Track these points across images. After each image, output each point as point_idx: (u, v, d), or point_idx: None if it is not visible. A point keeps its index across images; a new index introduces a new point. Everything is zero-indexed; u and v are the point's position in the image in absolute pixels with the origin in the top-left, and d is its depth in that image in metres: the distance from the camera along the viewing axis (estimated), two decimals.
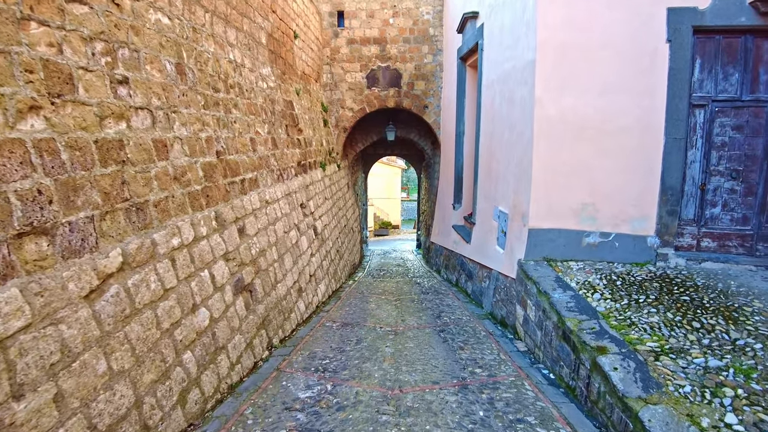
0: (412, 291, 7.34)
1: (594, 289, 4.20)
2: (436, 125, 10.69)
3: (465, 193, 8.52)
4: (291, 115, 6.92)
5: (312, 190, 7.22)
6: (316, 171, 7.86)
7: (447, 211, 9.60)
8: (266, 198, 5.00)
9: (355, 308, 6.00)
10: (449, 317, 5.48)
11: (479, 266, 6.62)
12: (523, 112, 5.08)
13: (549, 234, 4.89)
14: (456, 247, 8.30)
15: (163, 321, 2.85)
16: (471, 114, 8.24)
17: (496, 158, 5.99)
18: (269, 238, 4.85)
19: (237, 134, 4.61)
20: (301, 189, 6.58)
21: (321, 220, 7.42)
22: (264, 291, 4.44)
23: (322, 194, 7.88)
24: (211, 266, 3.55)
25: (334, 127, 10.66)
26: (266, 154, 5.33)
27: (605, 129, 4.72)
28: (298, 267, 5.64)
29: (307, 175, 7.13)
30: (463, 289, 7.41)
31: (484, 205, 6.61)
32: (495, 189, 6.03)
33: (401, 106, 10.61)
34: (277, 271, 4.90)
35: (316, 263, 6.52)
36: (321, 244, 7.09)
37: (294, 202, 6.06)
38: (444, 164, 10.46)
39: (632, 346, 3.23)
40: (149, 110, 3.16)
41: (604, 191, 4.81)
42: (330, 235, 7.91)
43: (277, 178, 5.57)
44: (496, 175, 5.98)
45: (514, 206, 5.27)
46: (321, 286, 6.52)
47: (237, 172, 4.41)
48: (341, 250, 8.82)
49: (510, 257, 5.29)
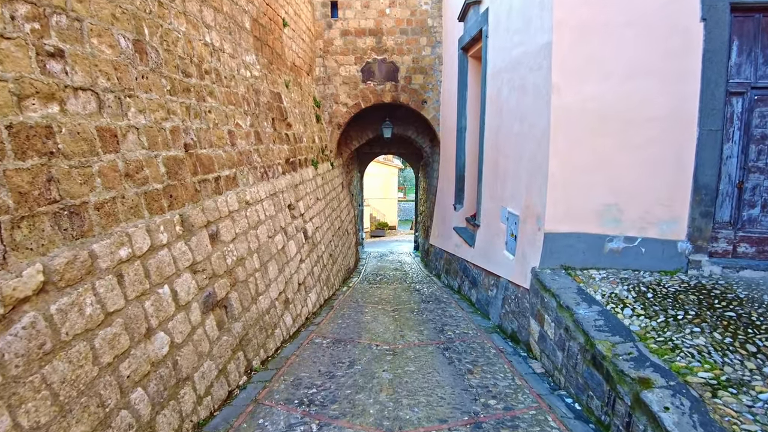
0: (411, 299, 6.76)
1: (623, 303, 3.64)
2: (435, 121, 10.13)
3: (467, 192, 7.96)
4: (279, 108, 6.33)
5: (302, 190, 6.64)
6: (306, 169, 7.28)
7: (447, 212, 9.03)
8: (246, 198, 4.41)
9: (348, 320, 5.42)
10: (454, 331, 4.91)
11: (485, 273, 6.05)
12: (537, 101, 4.52)
13: (567, 239, 4.33)
14: (458, 250, 7.73)
15: (102, 354, 2.26)
16: (474, 108, 7.68)
17: (504, 154, 5.43)
18: (250, 244, 4.26)
19: (212, 125, 4.03)
20: (290, 189, 6.00)
21: (312, 222, 6.83)
22: (242, 306, 3.85)
23: (313, 194, 7.30)
24: (172, 280, 2.96)
25: (328, 124, 10.08)
26: (248, 149, 4.75)
27: (630, 119, 4.17)
28: (285, 275, 5.06)
29: (296, 173, 6.54)
30: (466, 297, 6.84)
31: (489, 206, 6.05)
32: (503, 188, 5.47)
33: (398, 101, 10.03)
34: (259, 282, 4.32)
35: (305, 270, 5.93)
36: (312, 248, 6.51)
37: (281, 203, 5.47)
38: (444, 162, 9.90)
39: (681, 377, 2.67)
40: (94, 92, 2.57)
41: (629, 190, 4.26)
42: (322, 238, 7.32)
43: (260, 176, 4.99)
44: (504, 173, 5.41)
45: (527, 207, 4.71)
46: (311, 296, 5.94)
47: (210, 169, 3.82)
48: (335, 254, 8.23)
49: (522, 264, 4.73)
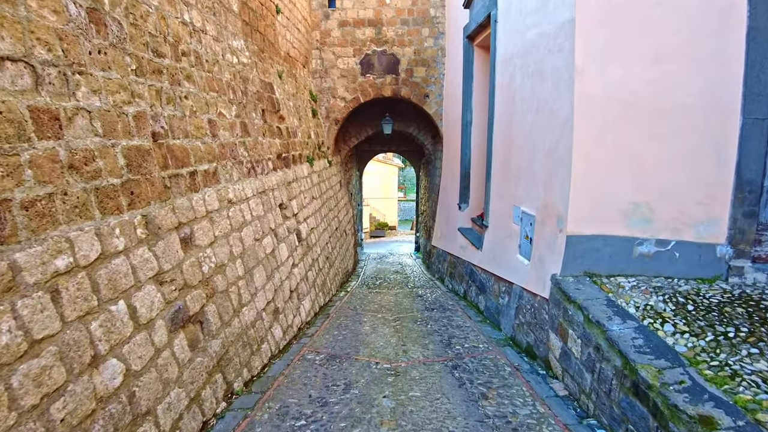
0: (414, 307, 6.26)
1: (661, 318, 3.14)
2: (438, 116, 9.63)
3: (473, 191, 7.46)
4: (270, 99, 5.83)
5: (296, 188, 6.13)
6: (301, 166, 6.78)
7: (451, 212, 8.53)
8: (229, 196, 3.91)
9: (345, 331, 4.92)
10: (462, 345, 4.41)
11: (494, 278, 5.55)
12: (557, 86, 4.02)
13: (592, 242, 3.83)
14: (463, 253, 7.23)
15: (24, 395, 1.76)
16: (481, 100, 7.18)
17: (516, 146, 4.93)
18: (232, 248, 3.76)
19: (189, 113, 3.53)
20: (281, 186, 5.50)
21: (306, 222, 6.33)
22: (221, 320, 3.35)
23: (308, 193, 6.80)
24: (130, 295, 2.46)
25: (325, 119, 9.58)
26: (232, 141, 4.25)
27: (661, 107, 3.68)
28: (274, 282, 4.56)
29: (289, 170, 6.04)
30: (473, 304, 6.34)
31: (499, 205, 5.55)
32: (515, 185, 4.97)
33: (399, 95, 9.53)
34: (243, 291, 3.82)
35: (299, 275, 5.43)
36: (306, 251, 6.01)
37: (271, 201, 4.97)
38: (447, 160, 9.40)
39: (751, 415, 2.17)
40: (28, 64, 2.07)
41: (660, 187, 3.76)
42: (318, 240, 6.82)
43: (247, 171, 4.49)
44: (518, 169, 4.91)
45: (545, 206, 4.21)
46: (305, 303, 5.44)
47: (185, 162, 3.32)
48: (332, 257, 7.73)
49: (539, 270, 4.23)
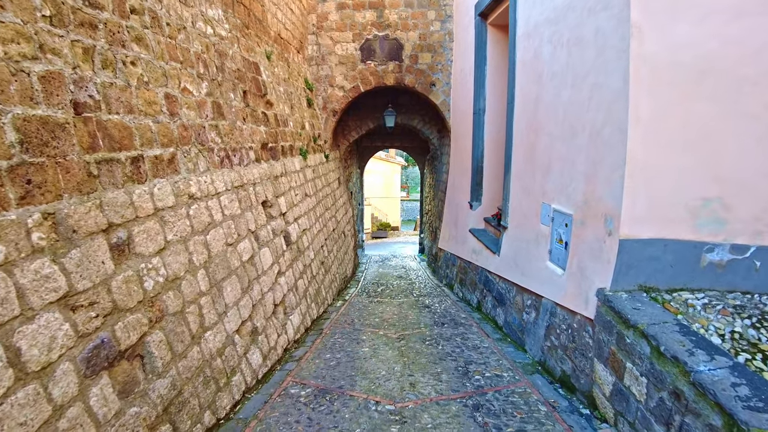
0: (421, 320, 5.44)
1: (761, 352, 2.32)
2: (445, 107, 8.81)
3: (487, 187, 6.64)
4: (255, 81, 5.03)
5: (284, 183, 5.33)
6: (292, 159, 5.98)
7: (461, 211, 7.71)
8: (191, 190, 3.10)
9: (340, 354, 4.11)
10: (482, 374, 3.59)
11: (516, 289, 4.73)
12: (603, 53, 3.20)
13: (650, 248, 3.02)
14: (476, 258, 6.40)
15: None
16: (496, 85, 6.37)
17: (546, 132, 4.11)
18: (193, 256, 2.95)
19: (137, 83, 2.73)
20: (266, 180, 4.70)
21: (297, 223, 5.53)
22: (172, 352, 2.54)
23: (300, 189, 5.99)
24: (10, 331, 1.66)
25: (322, 110, 8.77)
26: (199, 123, 3.45)
27: (746, 74, 2.86)
28: (253, 296, 3.75)
29: (277, 162, 5.24)
30: (489, 318, 5.52)
31: (522, 203, 4.73)
32: (544, 178, 4.15)
33: (403, 84, 8.72)
34: (207, 311, 3.01)
35: (286, 285, 4.63)
36: (296, 256, 5.20)
37: (251, 198, 4.17)
38: (456, 154, 8.58)
39: None
40: None
41: (740, 178, 2.94)
42: (311, 243, 6.01)
43: (220, 161, 3.69)
44: (547, 158, 4.09)
45: (586, 203, 3.39)
46: (293, 318, 4.63)
47: (126, 144, 2.52)
48: (327, 262, 6.92)
49: (578, 283, 3.41)
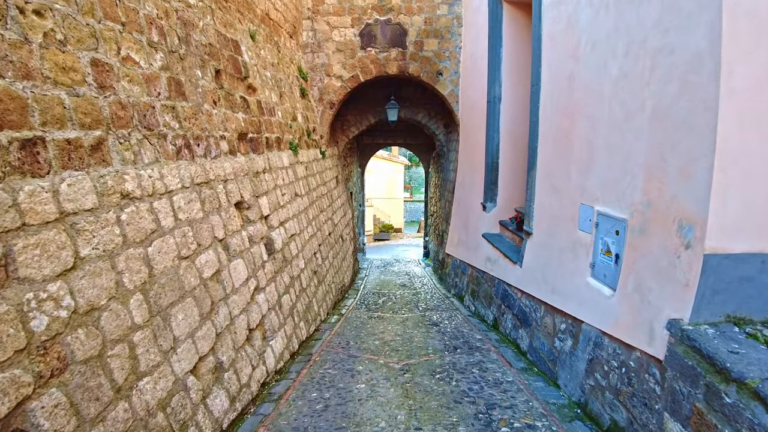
0: (429, 343, 4.62)
1: None
2: (453, 98, 8.01)
3: (504, 186, 5.84)
4: (233, 61, 4.26)
5: (268, 181, 4.55)
6: (279, 153, 5.19)
7: (472, 213, 6.90)
8: (125, 188, 2.32)
9: (329, 394, 3.32)
10: (510, 425, 2.77)
11: (545, 308, 3.93)
12: (677, 2, 2.39)
13: (743, 265, 2.22)
14: (492, 267, 5.59)
15: None
16: (514, 68, 5.58)
17: (585, 116, 3.30)
18: (124, 276, 2.17)
19: (43, 40, 1.95)
20: (243, 177, 3.91)
21: (284, 228, 4.74)
22: (78, 419, 1.75)
23: (289, 188, 5.21)
24: None
25: (318, 102, 7.99)
26: (146, 101, 2.66)
27: None
28: (218, 322, 2.97)
29: (259, 156, 4.45)
30: (508, 338, 4.71)
31: (552, 204, 3.93)
32: (583, 173, 3.35)
33: (406, 73, 7.93)
34: (144, 350, 2.22)
35: (266, 304, 3.84)
36: (281, 267, 4.41)
37: (219, 198, 3.38)
38: (466, 150, 7.77)
39: None
40: None
41: None
42: (301, 250, 5.23)
43: (176, 151, 2.90)
44: (587, 147, 3.29)
45: (649, 204, 2.58)
46: (275, 344, 3.84)
47: (10, 121, 1.73)
48: (321, 271, 6.12)
49: (636, 308, 2.60)
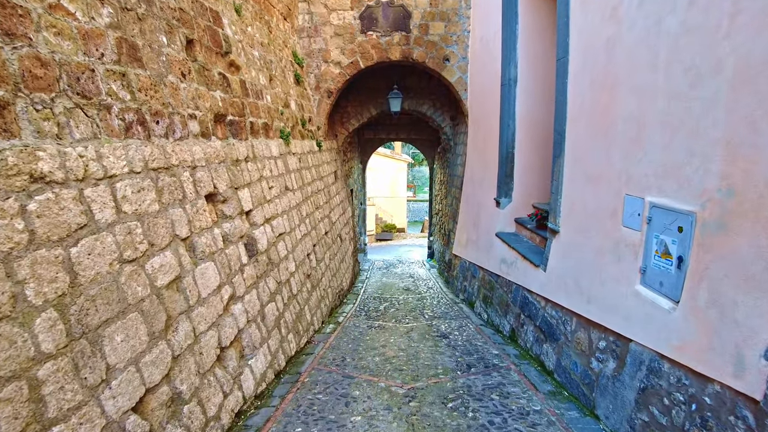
0: (439, 361, 3.99)
1: None
2: (461, 86, 7.40)
3: (520, 179, 5.23)
4: (211, 32, 3.66)
5: (251, 171, 3.96)
6: (267, 141, 4.60)
7: (483, 210, 6.29)
8: (36, 168, 1.72)
9: (316, 429, 2.71)
10: None
11: (577, 321, 3.31)
12: None
13: None
14: (508, 271, 4.97)
15: None
16: (532, 45, 4.98)
17: (630, 87, 2.68)
18: (27, 287, 1.58)
19: None
20: (218, 164, 3.32)
21: (271, 225, 4.14)
22: None
23: (278, 181, 4.61)
24: None
25: (314, 90, 7.40)
26: (81, 62, 2.07)
27: None
28: (175, 343, 2.37)
29: (240, 142, 3.86)
30: (529, 353, 4.09)
31: (585, 196, 3.32)
32: (629, 156, 2.73)
33: (411, 59, 7.32)
34: (57, 388, 1.63)
35: (245, 315, 3.24)
36: (265, 271, 3.82)
37: (185, 188, 2.79)
38: (475, 141, 7.16)
39: None
40: None
41: None
42: (291, 251, 4.63)
43: (124, 127, 2.31)
44: (634, 124, 2.67)
45: (730, 192, 1.96)
46: (255, 362, 3.24)
47: None
48: (316, 275, 5.52)
49: (713, 327, 1.98)
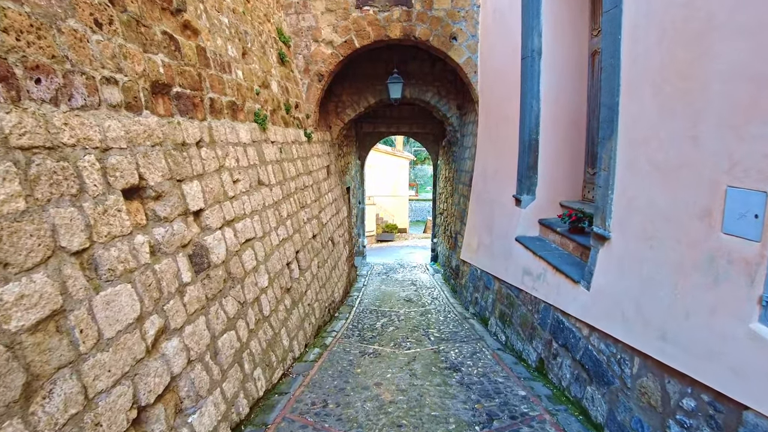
0: (449, 407, 3.04)
1: None
2: (471, 67, 6.50)
3: (547, 171, 4.33)
4: None
5: (205, 160, 3.08)
6: (235, 124, 3.72)
7: (499, 209, 5.38)
8: None
9: None
10: None
11: (643, 362, 2.42)
12: None
13: None
14: (534, 285, 4.06)
15: None
16: (559, 8, 4.07)
17: (735, 31, 1.78)
18: None
19: None
20: (149, 147, 2.44)
21: (233, 230, 3.26)
22: None
23: (246, 173, 3.74)
24: None
25: (303, 73, 6.52)
26: None
27: None
28: (46, 419, 1.51)
29: (193, 121, 2.98)
30: (565, 395, 3.19)
31: (650, 189, 2.42)
32: (734, 132, 1.83)
33: (413, 37, 6.42)
34: None
35: (183, 354, 2.36)
36: (221, 290, 2.93)
37: (82, 176, 1.93)
38: (488, 130, 6.25)
39: None
40: None
41: None
42: (264, 261, 3.75)
43: None
44: (743, 87, 1.78)
45: None
46: (200, 418, 2.37)
47: None
48: (298, 288, 4.63)
49: None
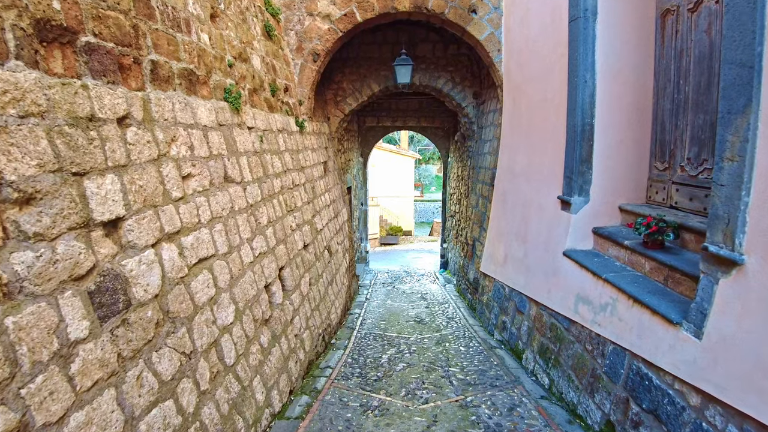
0: None
1: None
2: (493, 44, 5.51)
3: (606, 164, 3.30)
4: None
5: (136, 144, 2.11)
6: (190, 98, 2.75)
7: (536, 212, 4.38)
8: None
9: None
10: None
11: None
12: None
13: None
14: (596, 318, 3.04)
15: None
16: None
17: None
18: None
19: None
20: (14, 118, 1.46)
21: (177, 246, 2.29)
22: None
23: (206, 167, 2.76)
24: None
25: (296, 52, 5.54)
26: None
27: None
28: None
29: (114, 87, 2.02)
30: None
31: None
32: None
33: (424, 10, 5.43)
34: None
35: None
36: (147, 341, 1.97)
37: None
38: (518, 117, 5.25)
39: None
40: None
41: None
42: (229, 287, 2.77)
43: None
44: None
45: None
46: None
47: None
48: (281, 317, 3.63)
49: None
